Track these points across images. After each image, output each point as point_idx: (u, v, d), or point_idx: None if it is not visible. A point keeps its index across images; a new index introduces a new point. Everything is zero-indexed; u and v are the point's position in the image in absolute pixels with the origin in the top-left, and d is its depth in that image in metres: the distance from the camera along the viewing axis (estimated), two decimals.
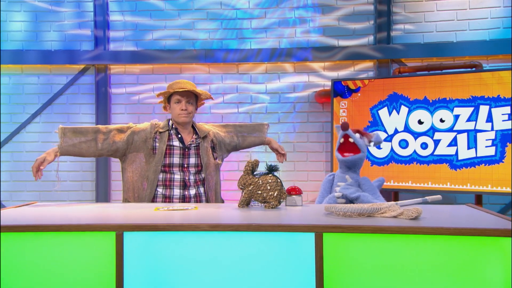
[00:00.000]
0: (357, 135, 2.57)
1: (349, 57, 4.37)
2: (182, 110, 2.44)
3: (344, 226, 1.45)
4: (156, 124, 2.51)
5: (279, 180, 1.99)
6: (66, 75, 4.59)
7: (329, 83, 4.37)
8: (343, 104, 3.95)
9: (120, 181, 4.48)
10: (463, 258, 1.38)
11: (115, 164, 4.55)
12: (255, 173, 2.02)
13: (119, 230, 1.48)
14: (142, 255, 1.48)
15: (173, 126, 2.50)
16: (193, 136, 2.52)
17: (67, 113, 4.58)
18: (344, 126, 2.51)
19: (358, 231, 1.44)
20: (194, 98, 2.52)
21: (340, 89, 3.96)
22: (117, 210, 1.92)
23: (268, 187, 1.96)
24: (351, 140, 2.52)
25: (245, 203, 2.01)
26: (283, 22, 4.50)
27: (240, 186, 2.02)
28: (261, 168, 2.07)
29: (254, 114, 4.50)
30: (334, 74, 4.45)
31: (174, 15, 4.55)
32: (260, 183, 1.97)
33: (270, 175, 2.00)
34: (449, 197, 4.10)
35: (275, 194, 1.96)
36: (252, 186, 1.98)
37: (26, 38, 4.58)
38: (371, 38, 4.42)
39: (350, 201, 2.48)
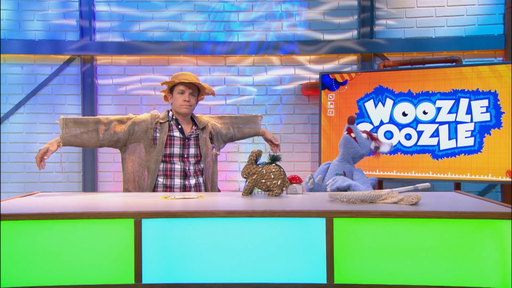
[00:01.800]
0: (364, 135, 2.63)
1: (334, 51, 4.45)
2: (184, 101, 2.47)
3: (353, 211, 1.53)
4: (156, 115, 2.53)
5: (282, 169, 2.05)
6: (50, 65, 4.50)
7: (315, 76, 4.46)
8: (330, 97, 4.03)
9: (108, 172, 4.48)
10: (464, 240, 1.48)
11: (102, 155, 4.51)
12: (258, 162, 2.08)
13: (138, 217, 1.51)
14: (160, 241, 1.52)
15: (173, 117, 2.53)
16: (193, 127, 2.55)
17: (52, 104, 4.50)
18: (350, 120, 2.56)
19: (367, 216, 1.52)
20: (196, 91, 2.55)
21: (327, 82, 4.04)
22: (126, 199, 1.94)
23: (272, 176, 2.02)
24: (352, 135, 2.58)
25: (249, 191, 2.06)
26: (270, 15, 4.54)
27: (244, 176, 2.07)
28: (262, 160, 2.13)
29: (241, 106, 4.54)
30: (320, 68, 4.53)
31: (161, 6, 4.52)
32: (264, 172, 2.03)
33: (273, 164, 2.06)
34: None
35: (278, 183, 2.02)
36: (256, 175, 2.03)
37: (9, 27, 4.46)
38: (355, 32, 4.52)
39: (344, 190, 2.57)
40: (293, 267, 1.52)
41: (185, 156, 2.48)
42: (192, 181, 2.48)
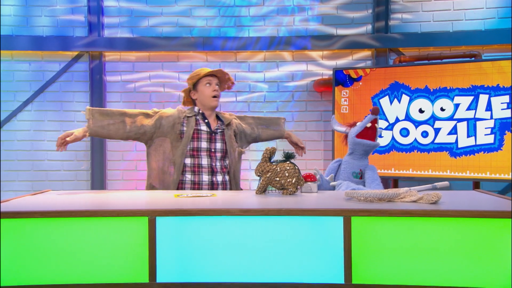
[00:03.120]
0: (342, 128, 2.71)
1: (348, 46, 4.44)
2: (214, 91, 2.55)
3: (371, 210, 1.53)
4: (183, 109, 2.59)
5: (296, 167, 2.06)
6: (58, 62, 4.55)
7: (328, 71, 4.45)
8: (344, 93, 4.03)
9: (117, 170, 4.53)
10: (486, 240, 1.47)
11: (111, 153, 4.55)
12: (272, 160, 2.09)
13: (152, 215, 1.52)
14: (174, 239, 1.53)
15: (200, 111, 2.58)
16: (218, 123, 2.61)
17: (60, 101, 4.55)
18: (376, 111, 2.57)
19: (385, 215, 1.52)
20: (219, 83, 2.64)
21: (341, 78, 4.04)
22: (139, 197, 1.96)
23: (287, 174, 2.03)
24: (377, 125, 2.59)
25: (263, 189, 2.07)
26: (281, 10, 4.54)
27: (258, 173, 2.08)
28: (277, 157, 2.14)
29: (252, 103, 4.55)
30: (333, 63, 4.52)
31: (171, 1, 4.54)
32: (278, 170, 2.03)
33: (287, 162, 2.07)
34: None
35: (293, 181, 2.03)
36: (270, 173, 2.04)
37: (17, 23, 4.51)
38: (369, 27, 4.50)
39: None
40: (310, 266, 1.53)
41: (212, 150, 2.51)
42: (219, 178, 2.51)
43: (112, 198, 1.91)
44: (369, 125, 2.59)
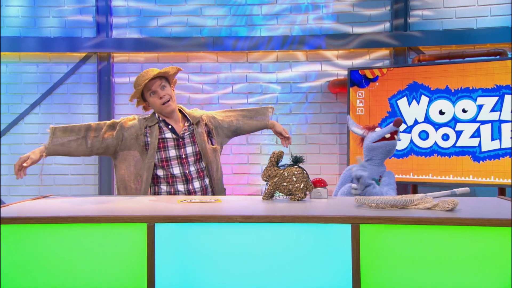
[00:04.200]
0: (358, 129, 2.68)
1: (364, 45, 4.39)
2: (161, 98, 2.39)
3: (381, 217, 1.50)
4: (143, 118, 2.46)
5: (305, 172, 2.04)
6: (66, 63, 4.62)
7: (343, 72, 4.41)
8: (360, 94, 3.98)
9: None
10: (505, 250, 1.42)
11: None
12: (279, 164, 2.06)
13: (150, 221, 1.52)
14: (174, 247, 1.52)
15: (161, 119, 2.46)
16: (185, 124, 2.49)
17: (67, 104, 4.61)
18: (398, 123, 2.54)
19: (396, 222, 1.49)
20: (165, 81, 2.46)
21: (356, 78, 3.99)
22: (142, 202, 1.96)
23: (294, 179, 2.00)
24: (396, 137, 2.57)
25: (270, 195, 2.05)
26: (295, 8, 4.52)
27: (265, 178, 2.06)
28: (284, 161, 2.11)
29: (264, 105, 4.49)
30: (348, 63, 4.48)
31: (181, 0, 4.57)
32: (286, 174, 2.01)
33: (295, 166, 2.04)
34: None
35: (301, 186, 2.00)
36: (277, 178, 2.02)
37: (24, 24, 4.60)
38: (387, 25, 4.44)
39: (364, 188, 2.54)
40: (316, 276, 1.50)
41: (183, 157, 2.42)
42: (196, 184, 2.44)
43: (112, 203, 1.91)
44: (388, 136, 2.57)
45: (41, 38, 4.55)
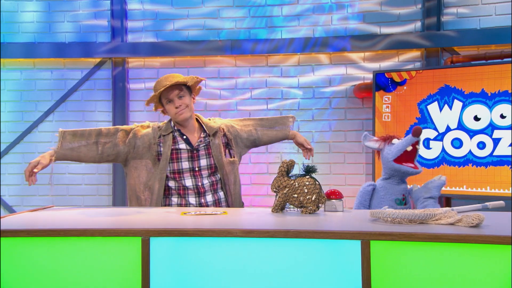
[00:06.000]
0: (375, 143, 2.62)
1: (393, 46, 4.33)
2: (176, 108, 2.39)
3: (394, 233, 1.44)
4: (158, 126, 2.48)
5: (317, 183, 1.99)
6: (81, 69, 4.72)
7: (370, 75, 4.34)
8: (386, 99, 3.92)
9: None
10: None
11: None
12: (290, 174, 2.03)
13: (145, 235, 1.51)
14: (170, 262, 1.51)
15: (176, 128, 2.47)
16: (201, 135, 2.49)
17: (82, 111, 4.71)
18: (417, 132, 2.44)
19: (410, 239, 1.43)
20: (185, 89, 2.45)
21: (383, 82, 3.93)
22: (142, 214, 1.96)
23: (306, 190, 1.96)
24: (418, 147, 2.49)
25: (280, 207, 2.02)
26: (318, 8, 4.50)
27: (274, 189, 2.03)
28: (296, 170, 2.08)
29: (285, 111, 4.51)
30: (376, 66, 4.41)
31: (198, 2, 4.62)
32: (296, 185, 1.97)
33: (307, 177, 2.00)
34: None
35: (313, 198, 1.96)
36: (287, 189, 1.98)
37: (39, 30, 4.74)
38: (419, 24, 4.37)
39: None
40: None
41: (196, 169, 2.42)
42: (209, 197, 2.43)
43: (109, 216, 1.92)
44: (409, 148, 2.48)
45: (55, 44, 4.67)
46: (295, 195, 1.97)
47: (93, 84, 4.73)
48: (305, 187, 1.97)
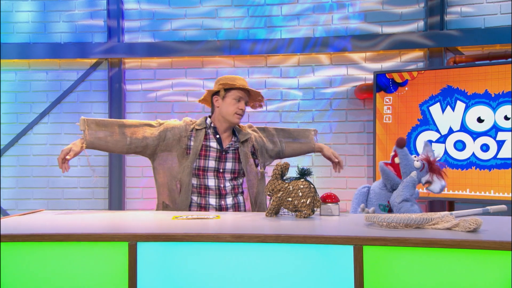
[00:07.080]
0: (418, 163, 2.51)
1: (395, 46, 4.31)
2: (240, 109, 2.49)
3: (387, 238, 1.43)
4: (191, 121, 2.56)
5: (312, 186, 1.98)
6: (76, 70, 4.73)
7: (371, 76, 4.32)
8: (387, 100, 3.90)
9: (136, 188, 4.61)
10: None
11: (130, 169, 4.64)
12: (284, 178, 2.02)
13: (132, 240, 1.50)
14: (157, 268, 1.50)
15: (212, 125, 2.54)
16: (232, 139, 2.55)
17: (77, 113, 4.70)
18: (399, 143, 2.46)
19: (404, 244, 1.42)
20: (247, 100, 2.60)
21: (384, 83, 3.92)
22: (131, 219, 1.95)
23: (300, 194, 1.95)
24: (396, 160, 2.49)
25: (274, 211, 2.01)
26: (318, 7, 4.49)
27: (268, 193, 2.02)
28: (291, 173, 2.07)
29: (284, 113, 4.50)
30: (377, 66, 4.39)
31: (195, 2, 4.62)
32: (291, 189, 1.96)
33: (302, 180, 1.99)
34: None
35: (307, 202, 1.95)
36: (281, 192, 1.97)
37: (34, 30, 4.74)
38: (421, 23, 4.35)
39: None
40: None
41: (220, 171, 2.47)
42: (229, 200, 2.47)
43: (101, 219, 1.91)
44: (393, 153, 2.52)
45: (50, 44, 4.68)
46: (290, 199, 1.96)
47: (89, 85, 4.73)
48: (299, 191, 1.95)
